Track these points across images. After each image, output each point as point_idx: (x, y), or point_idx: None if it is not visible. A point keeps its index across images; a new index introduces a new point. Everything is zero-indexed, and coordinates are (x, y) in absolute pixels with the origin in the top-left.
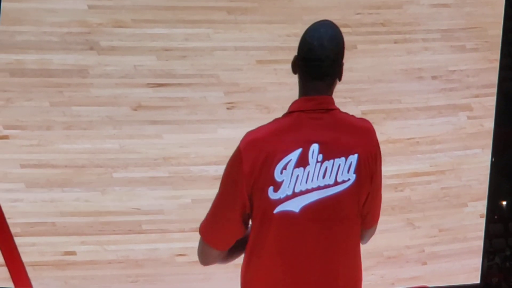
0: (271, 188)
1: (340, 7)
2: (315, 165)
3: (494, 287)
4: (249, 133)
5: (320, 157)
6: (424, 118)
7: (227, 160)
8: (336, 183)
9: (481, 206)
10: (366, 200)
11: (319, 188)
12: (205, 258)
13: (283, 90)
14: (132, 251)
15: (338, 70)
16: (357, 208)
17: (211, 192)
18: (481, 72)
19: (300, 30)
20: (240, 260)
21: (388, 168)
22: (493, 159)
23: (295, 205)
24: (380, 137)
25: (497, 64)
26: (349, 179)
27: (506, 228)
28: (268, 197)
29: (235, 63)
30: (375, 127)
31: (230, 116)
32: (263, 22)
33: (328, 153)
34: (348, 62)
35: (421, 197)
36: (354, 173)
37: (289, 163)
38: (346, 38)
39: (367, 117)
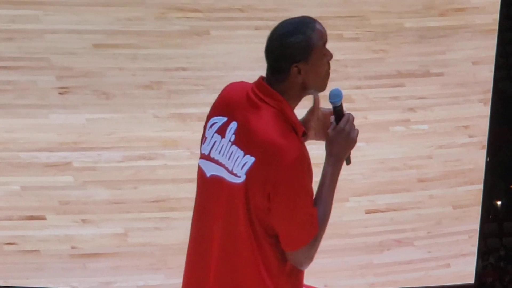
0: (204, 138)
1: None
2: (228, 142)
3: (488, 287)
4: None
5: (233, 137)
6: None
7: (60, 146)
8: (231, 172)
9: (366, 202)
10: (269, 215)
11: (224, 166)
12: None
13: (123, 76)
14: None
15: (285, 69)
16: (249, 211)
17: (42, 179)
18: (364, 63)
19: (142, 13)
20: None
21: None
22: (488, 159)
23: (208, 169)
24: None
25: (384, 55)
26: (239, 177)
27: (501, 228)
28: (201, 144)
29: (68, 47)
30: None
31: (63, 102)
32: (100, 4)
33: (238, 138)
34: (200, 48)
35: None
36: (245, 174)
37: (214, 125)
38: (198, 23)
39: None
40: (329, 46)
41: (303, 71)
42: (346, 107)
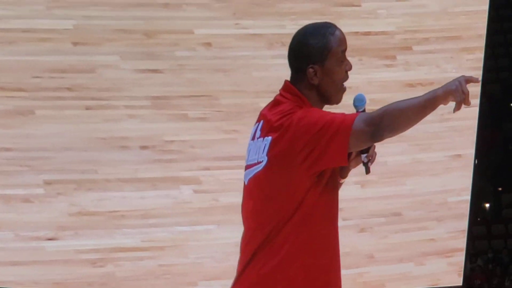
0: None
1: (13, 70)
2: (256, 141)
3: None
4: None
5: (258, 133)
6: (132, 190)
7: None
8: (258, 162)
9: (218, 286)
10: (307, 161)
11: (256, 163)
12: None
13: None
14: None
15: (302, 69)
16: (270, 194)
17: None
18: (214, 144)
19: None
20: None
21: (83, 242)
22: (476, 161)
23: (246, 177)
24: (71, 209)
25: (237, 135)
26: (262, 161)
27: (489, 230)
28: None
29: None
30: (63, 197)
31: None
32: None
33: (262, 131)
34: (25, 128)
35: (130, 274)
36: (266, 155)
37: (252, 134)
38: (22, 103)
39: (52, 187)
40: (174, 126)
41: (319, 73)
42: (193, 188)
